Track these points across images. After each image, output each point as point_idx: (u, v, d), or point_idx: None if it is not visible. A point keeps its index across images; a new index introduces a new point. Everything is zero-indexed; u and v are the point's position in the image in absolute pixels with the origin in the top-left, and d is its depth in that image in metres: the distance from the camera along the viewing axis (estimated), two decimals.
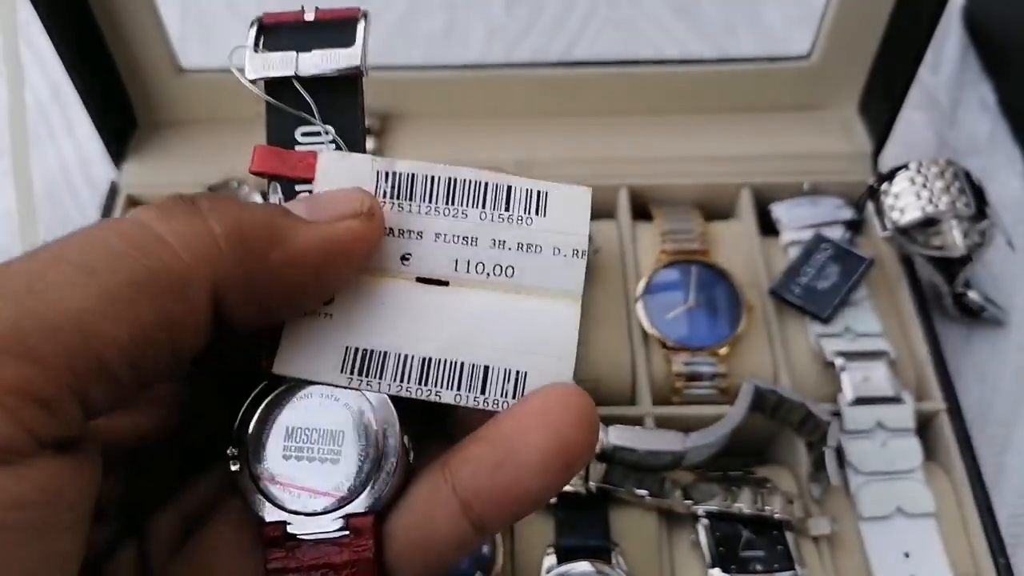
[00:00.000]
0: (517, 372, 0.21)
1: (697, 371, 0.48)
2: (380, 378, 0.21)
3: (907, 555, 0.44)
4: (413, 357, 0.21)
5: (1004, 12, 0.67)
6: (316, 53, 0.22)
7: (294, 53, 0.21)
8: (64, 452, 0.17)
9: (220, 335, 0.19)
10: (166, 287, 0.17)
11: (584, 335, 0.49)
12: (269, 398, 0.21)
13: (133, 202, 0.56)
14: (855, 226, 0.53)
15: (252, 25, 0.22)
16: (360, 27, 0.22)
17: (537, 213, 0.21)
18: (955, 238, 0.50)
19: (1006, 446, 0.51)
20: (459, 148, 0.57)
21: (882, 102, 0.54)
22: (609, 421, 0.42)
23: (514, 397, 0.21)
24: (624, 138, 0.58)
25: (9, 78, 0.52)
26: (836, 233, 0.53)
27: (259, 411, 0.21)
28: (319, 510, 0.20)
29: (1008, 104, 0.65)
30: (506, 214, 0.21)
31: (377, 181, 0.21)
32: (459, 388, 0.21)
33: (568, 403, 0.19)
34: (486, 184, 0.22)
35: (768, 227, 0.55)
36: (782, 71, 0.57)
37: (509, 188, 0.22)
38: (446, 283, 0.21)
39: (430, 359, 0.21)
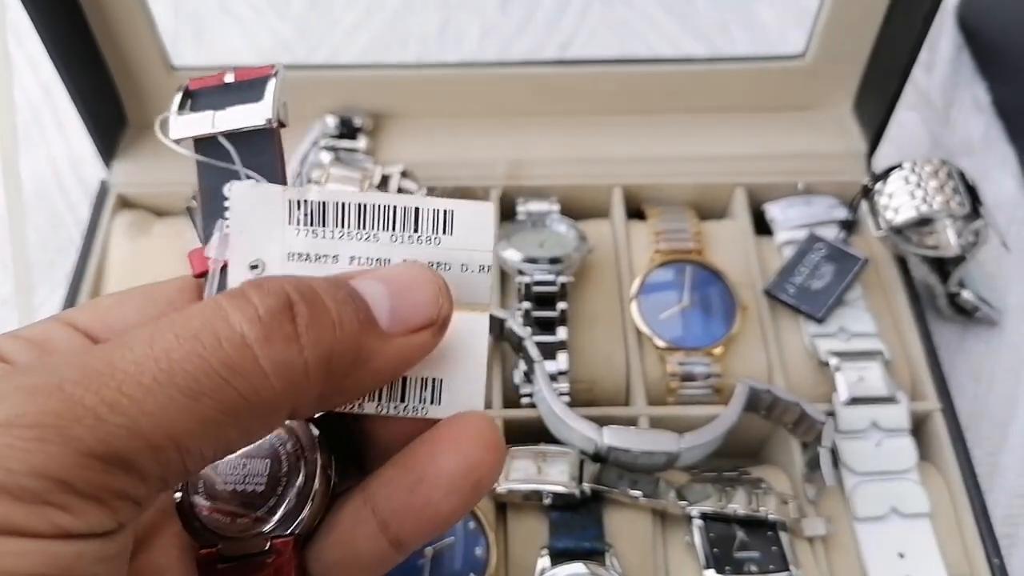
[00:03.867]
0: (434, 380, 0.22)
1: (691, 371, 0.48)
2: None
3: (902, 555, 0.43)
4: None
5: (997, 12, 0.67)
6: (230, 110, 0.23)
7: (211, 112, 0.23)
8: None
9: None
10: (255, 414, 0.19)
11: (578, 336, 0.49)
12: None
13: (124, 202, 0.55)
14: (849, 226, 0.53)
15: (178, 91, 0.24)
16: (271, 83, 0.23)
17: (444, 232, 0.23)
18: (949, 238, 0.50)
19: (1000, 446, 0.51)
20: (452, 147, 0.57)
21: (876, 102, 0.54)
22: (603, 422, 0.42)
23: (432, 403, 0.22)
24: (618, 138, 0.58)
25: None
26: (830, 233, 0.53)
27: None
28: (246, 533, 0.22)
29: (1001, 104, 0.65)
30: (415, 235, 0.23)
31: (290, 210, 0.23)
32: (379, 399, 0.22)
33: (477, 429, 0.21)
34: (395, 207, 0.23)
35: (762, 227, 0.55)
36: (776, 71, 0.57)
37: (417, 210, 0.23)
38: None
39: None
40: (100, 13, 0.51)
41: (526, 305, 0.48)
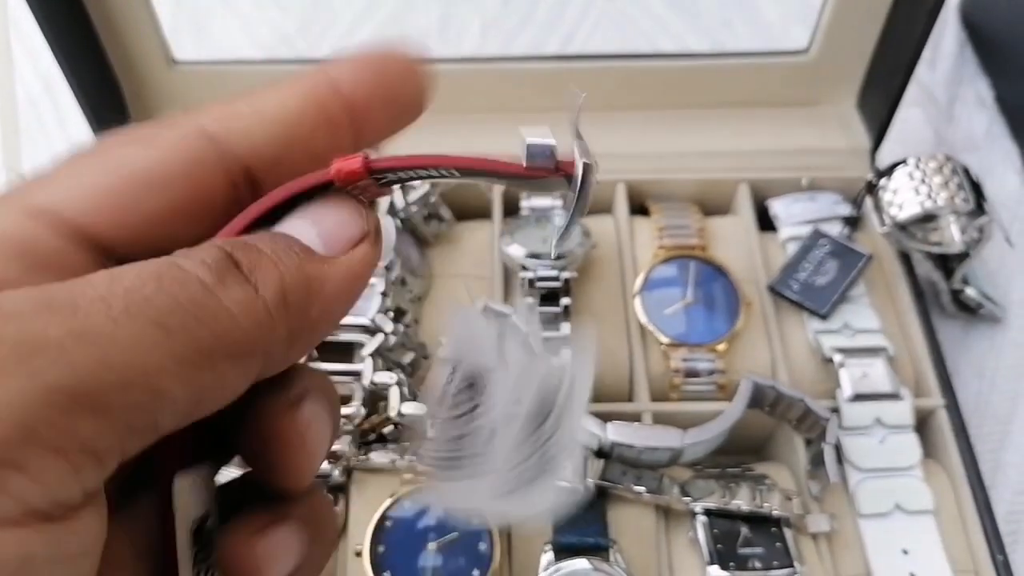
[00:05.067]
0: None
1: (695, 367, 0.48)
2: None
3: (906, 552, 0.43)
4: None
5: (1001, 9, 0.67)
6: None
7: None
8: (92, 500, 0.17)
9: None
10: (228, 356, 0.18)
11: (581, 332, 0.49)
12: None
13: None
14: (853, 222, 0.53)
15: None
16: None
17: None
18: (953, 234, 0.49)
19: (1004, 442, 0.51)
20: (453, 143, 0.57)
21: (880, 98, 0.54)
22: (607, 417, 0.42)
23: None
24: (621, 133, 0.58)
25: None
26: (834, 229, 0.53)
27: None
28: None
29: (1005, 100, 0.65)
30: None
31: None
32: None
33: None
34: None
35: (766, 223, 0.55)
36: (780, 66, 0.57)
37: None
38: None
39: None
40: (101, 7, 0.51)
41: (529, 301, 0.48)
